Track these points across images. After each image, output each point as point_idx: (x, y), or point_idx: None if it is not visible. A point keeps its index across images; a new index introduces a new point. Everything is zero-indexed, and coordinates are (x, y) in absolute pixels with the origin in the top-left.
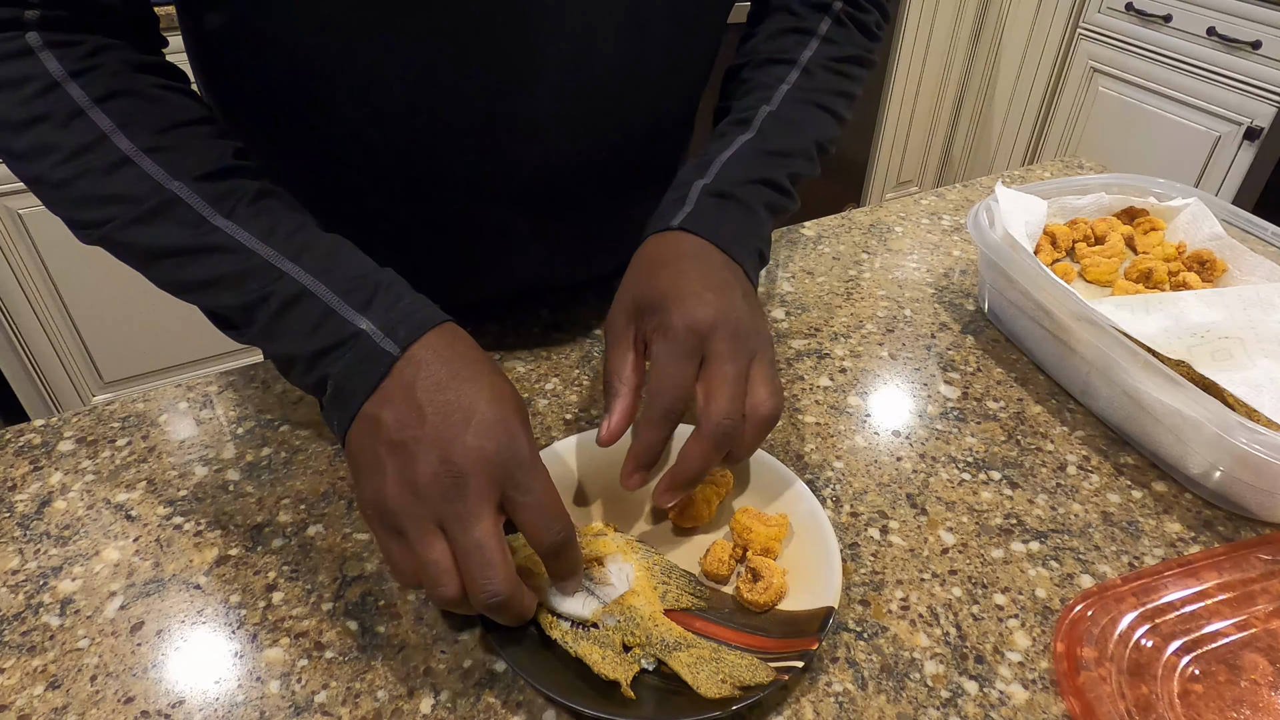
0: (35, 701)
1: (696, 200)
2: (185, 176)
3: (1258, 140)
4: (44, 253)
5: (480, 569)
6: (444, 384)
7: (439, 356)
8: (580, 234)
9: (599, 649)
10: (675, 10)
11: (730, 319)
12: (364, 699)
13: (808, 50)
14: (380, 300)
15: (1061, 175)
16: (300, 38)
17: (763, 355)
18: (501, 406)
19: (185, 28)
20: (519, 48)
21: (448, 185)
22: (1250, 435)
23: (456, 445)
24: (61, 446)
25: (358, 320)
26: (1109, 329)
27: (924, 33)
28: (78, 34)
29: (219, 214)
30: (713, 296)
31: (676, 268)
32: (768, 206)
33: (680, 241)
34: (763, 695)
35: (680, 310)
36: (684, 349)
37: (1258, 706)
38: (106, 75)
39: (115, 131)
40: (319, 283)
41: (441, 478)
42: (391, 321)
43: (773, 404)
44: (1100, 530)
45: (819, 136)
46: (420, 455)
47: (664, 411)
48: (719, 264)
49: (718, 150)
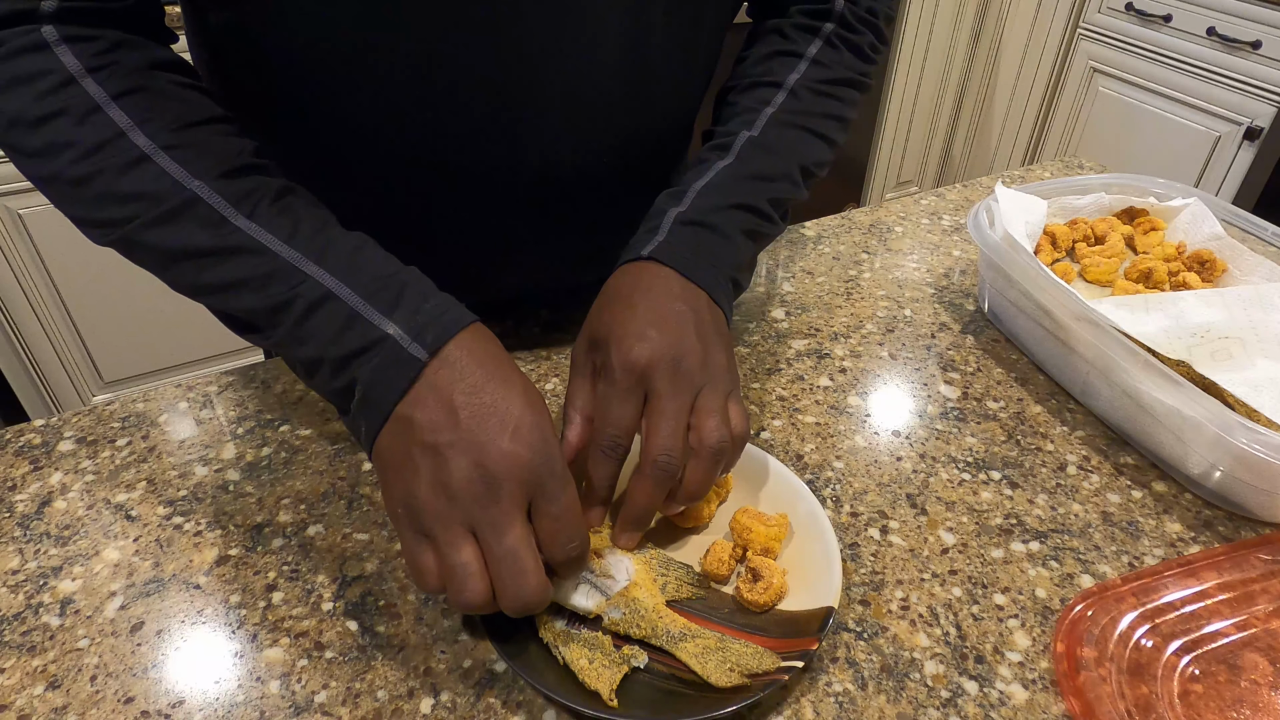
0: (35, 701)
1: (669, 230)
2: (206, 175)
3: (1258, 140)
4: (44, 253)
5: (514, 577)
6: (479, 387)
7: (472, 358)
8: (581, 238)
9: (588, 652)
10: (677, 17)
11: (671, 355)
12: (364, 699)
13: (794, 73)
14: (407, 302)
15: (1061, 175)
16: (303, 39)
17: (713, 387)
18: (536, 412)
19: (190, 28)
20: (521, 53)
21: (449, 189)
22: (1250, 435)
23: (492, 450)
24: (61, 446)
25: (384, 324)
26: (1109, 329)
27: (924, 33)
28: (95, 28)
29: (241, 214)
30: (656, 334)
31: (628, 303)
32: (747, 233)
33: (642, 274)
34: (762, 695)
35: (619, 350)
36: (621, 388)
37: (1258, 706)
38: (124, 71)
39: (133, 128)
40: (343, 285)
41: (475, 483)
42: (419, 324)
43: (719, 434)
44: (1100, 530)
45: (804, 160)
46: (454, 459)
47: (603, 449)
48: (676, 296)
49: (694, 177)
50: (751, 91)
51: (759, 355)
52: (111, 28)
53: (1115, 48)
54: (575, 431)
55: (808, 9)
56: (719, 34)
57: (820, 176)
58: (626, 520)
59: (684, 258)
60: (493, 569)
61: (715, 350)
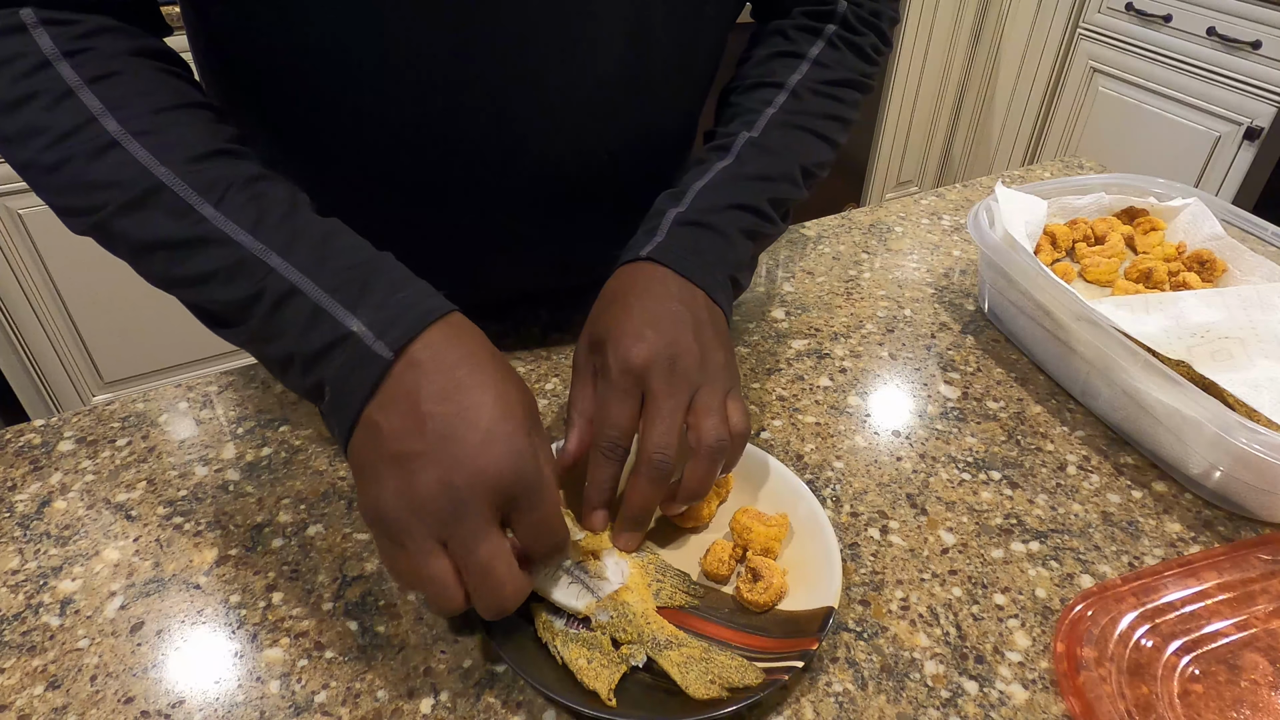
0: (35, 701)
1: (668, 230)
2: (174, 161)
3: (1258, 140)
4: (44, 253)
5: (487, 589)
6: (446, 393)
7: (441, 357)
8: (582, 238)
9: (587, 652)
10: (678, 17)
11: (668, 355)
12: (364, 699)
13: (796, 74)
14: (373, 294)
15: (1061, 175)
16: (301, 37)
17: (711, 385)
18: (507, 420)
19: (190, 29)
20: (522, 52)
21: (448, 188)
22: (1250, 435)
23: (458, 467)
24: (61, 446)
25: (348, 320)
26: (1109, 329)
27: (924, 33)
28: (75, 12)
29: (208, 203)
30: (652, 334)
31: (624, 304)
32: (746, 233)
33: (639, 275)
34: (757, 697)
35: (616, 350)
36: (619, 389)
37: (1258, 706)
38: (101, 56)
39: (105, 114)
40: (306, 278)
41: (441, 499)
42: (384, 320)
43: (717, 432)
44: (1100, 530)
45: (805, 161)
46: (420, 472)
47: (603, 449)
48: (673, 296)
49: (694, 178)
50: (753, 92)
51: (759, 355)
52: (93, 13)
53: (1115, 48)
54: (577, 435)
55: (810, 10)
56: (720, 34)
57: (821, 177)
58: (625, 520)
59: (681, 258)
60: (465, 579)
61: (713, 349)
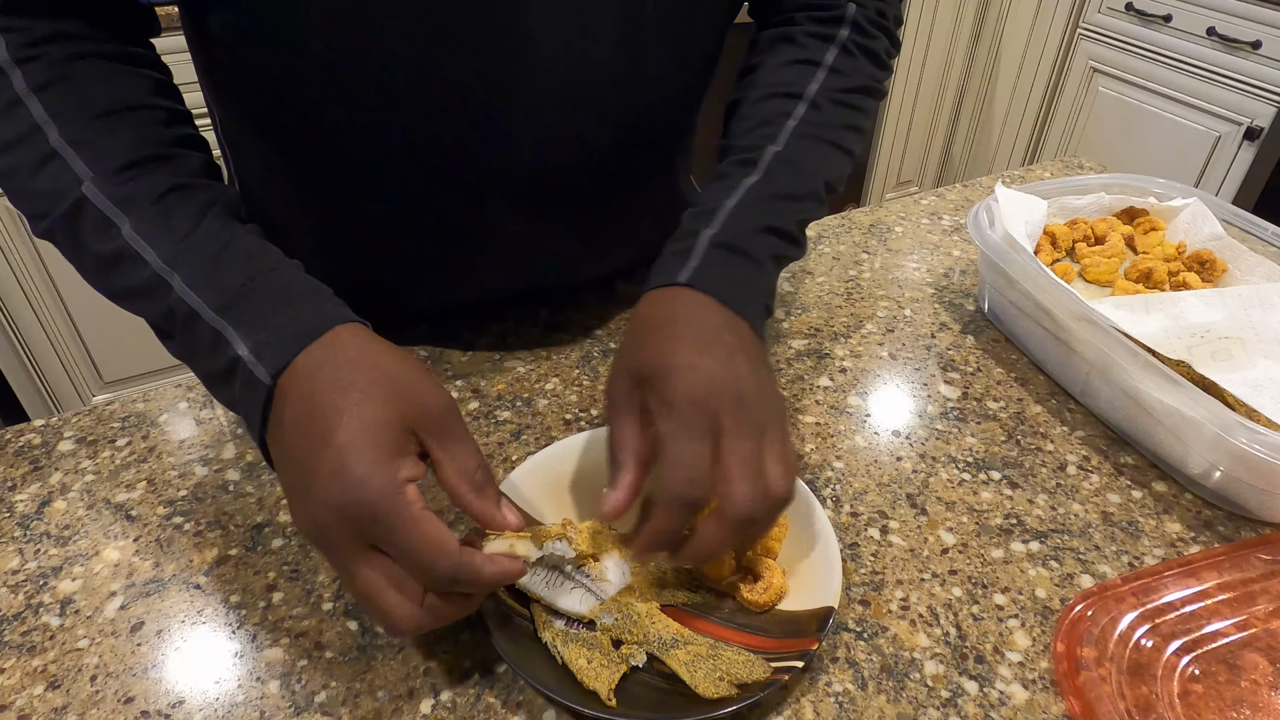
0: (35, 701)
1: (704, 254)
2: (99, 173)
3: (1258, 140)
4: (44, 253)
5: (376, 618)
6: (300, 423)
7: (301, 387)
8: (576, 236)
9: (586, 652)
10: (672, 14)
11: (734, 390)
12: (364, 699)
13: (814, 83)
14: (256, 313)
15: (1061, 175)
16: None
17: (774, 427)
18: (351, 451)
19: (188, 30)
20: (513, 48)
21: (443, 185)
22: (1250, 435)
23: (314, 501)
24: (61, 447)
25: (236, 344)
26: (1109, 329)
27: (924, 33)
28: (29, 18)
29: (127, 218)
30: (715, 365)
31: (670, 334)
32: (775, 258)
33: (680, 301)
34: (762, 695)
35: (683, 384)
36: (695, 429)
37: (1258, 706)
38: (49, 62)
39: (47, 122)
40: (201, 300)
41: (311, 531)
42: (261, 344)
43: (785, 484)
44: (1100, 530)
45: (828, 176)
46: (295, 505)
47: (679, 498)
48: (721, 326)
49: (722, 195)
50: (768, 102)
51: None
52: (48, 18)
53: (1115, 48)
54: (630, 480)
55: (818, 15)
56: (716, 32)
57: (839, 190)
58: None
59: (722, 286)
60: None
61: (767, 383)
